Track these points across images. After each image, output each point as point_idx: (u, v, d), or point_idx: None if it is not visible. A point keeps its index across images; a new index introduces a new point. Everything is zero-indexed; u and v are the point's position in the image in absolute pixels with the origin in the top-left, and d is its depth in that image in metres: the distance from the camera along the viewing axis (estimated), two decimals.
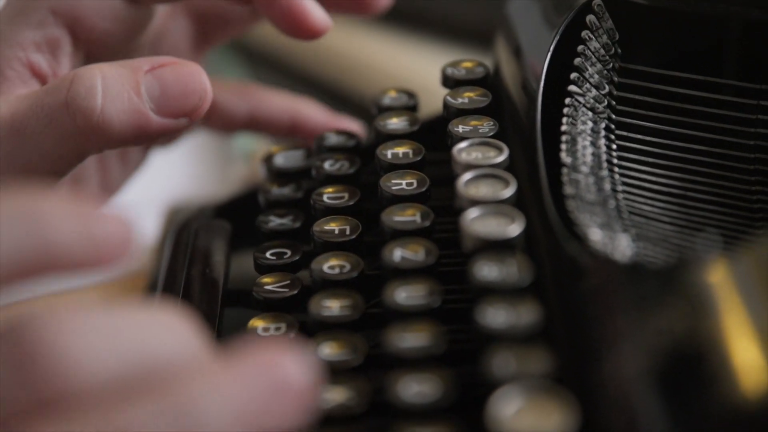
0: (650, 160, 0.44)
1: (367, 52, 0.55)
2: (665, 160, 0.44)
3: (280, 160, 0.51)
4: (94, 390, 0.28)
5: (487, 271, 0.37)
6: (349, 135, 0.51)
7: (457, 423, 0.33)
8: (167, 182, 0.68)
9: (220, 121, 0.56)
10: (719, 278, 0.31)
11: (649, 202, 0.43)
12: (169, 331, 0.30)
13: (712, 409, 0.28)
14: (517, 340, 0.34)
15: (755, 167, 0.44)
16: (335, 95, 0.76)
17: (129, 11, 0.47)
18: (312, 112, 0.56)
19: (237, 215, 0.53)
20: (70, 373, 0.28)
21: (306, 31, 0.48)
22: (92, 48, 0.47)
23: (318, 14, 0.48)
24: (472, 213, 0.39)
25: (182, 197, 0.62)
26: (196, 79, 0.44)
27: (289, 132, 0.55)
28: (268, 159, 0.51)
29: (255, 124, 0.56)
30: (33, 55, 0.46)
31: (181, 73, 0.44)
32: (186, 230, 0.52)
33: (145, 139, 0.45)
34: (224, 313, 0.46)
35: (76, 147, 0.44)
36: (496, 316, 0.35)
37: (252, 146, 0.72)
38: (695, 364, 0.29)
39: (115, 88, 0.43)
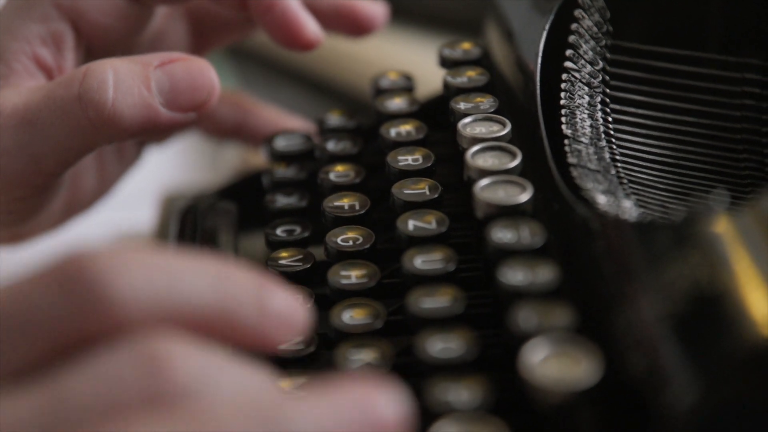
0: (644, 131, 0.46)
1: (353, 42, 0.56)
2: (658, 131, 0.46)
3: (282, 142, 0.53)
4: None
5: (502, 234, 0.39)
6: (350, 116, 0.52)
7: (484, 378, 0.35)
8: (158, 172, 0.69)
9: (209, 126, 0.58)
10: (727, 230, 0.33)
11: (645, 170, 0.45)
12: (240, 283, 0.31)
13: (729, 349, 0.30)
14: (537, 296, 0.35)
15: (742, 137, 0.47)
16: (320, 86, 0.78)
17: (130, 9, 0.48)
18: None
19: (239, 198, 0.55)
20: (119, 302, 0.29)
21: (299, 43, 0.49)
22: (94, 43, 0.49)
23: (312, 27, 0.49)
24: (483, 182, 0.41)
25: (175, 186, 0.63)
26: (204, 74, 0.46)
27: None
28: (269, 142, 0.53)
29: (242, 134, 0.57)
30: (38, 49, 0.47)
31: (190, 69, 0.46)
32: (190, 213, 0.54)
33: (154, 132, 0.46)
34: None
35: (87, 139, 0.45)
36: (514, 275, 0.37)
37: None
38: (711, 309, 0.31)
39: (126, 83, 0.44)
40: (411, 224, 0.42)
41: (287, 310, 0.31)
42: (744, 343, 0.30)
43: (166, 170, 0.71)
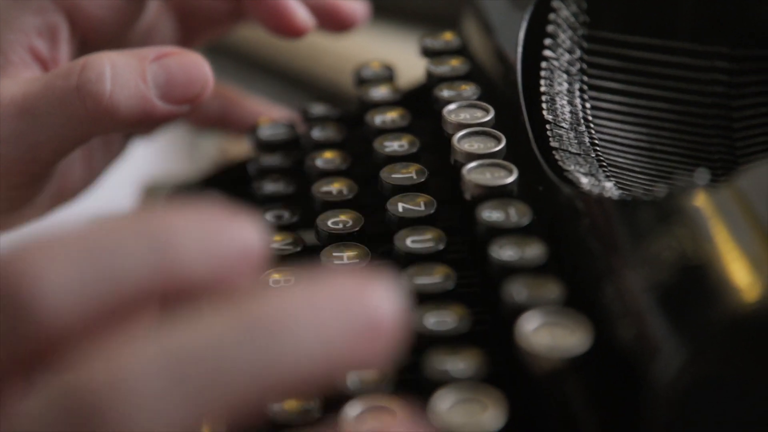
0: (620, 117, 0.48)
1: (329, 38, 0.58)
2: (634, 117, 0.48)
3: (267, 131, 0.54)
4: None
5: (490, 214, 0.40)
6: (334, 105, 0.54)
7: (479, 351, 0.36)
8: (136, 162, 0.70)
9: (193, 116, 0.59)
10: (706, 205, 0.35)
11: (623, 154, 0.47)
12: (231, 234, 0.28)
13: (713, 315, 0.32)
14: (527, 271, 0.37)
15: (713, 122, 0.49)
16: (296, 81, 0.79)
17: (124, 3, 0.50)
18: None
19: (225, 186, 0.56)
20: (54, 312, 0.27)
21: (291, 30, 0.51)
22: (88, 36, 0.50)
23: (302, 14, 0.51)
24: (470, 165, 0.43)
25: (154, 176, 0.64)
26: (199, 68, 0.47)
27: None
28: (253, 131, 0.54)
29: (225, 124, 0.58)
30: (34, 40, 0.48)
31: (185, 62, 0.47)
32: (177, 201, 0.55)
33: (148, 123, 0.47)
34: None
35: (83, 129, 0.46)
36: (505, 252, 0.38)
37: None
38: (695, 278, 0.33)
39: (123, 75, 0.45)
40: (401, 206, 0.44)
41: (247, 243, 0.29)
42: (728, 309, 0.32)
43: (144, 161, 0.72)
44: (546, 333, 0.34)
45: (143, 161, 0.72)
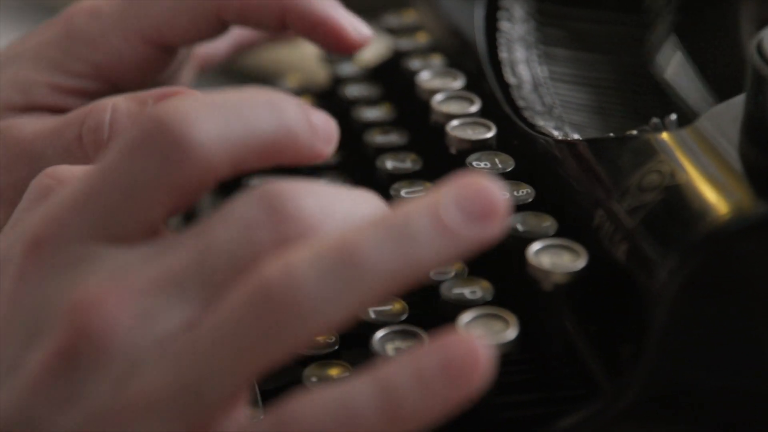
0: (573, 80, 0.54)
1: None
2: (584, 80, 0.54)
3: None
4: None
5: (478, 163, 0.45)
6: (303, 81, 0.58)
7: (486, 280, 0.41)
8: None
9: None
10: (672, 141, 0.41)
11: (578, 114, 0.52)
12: None
13: (692, 228, 0.37)
14: (521, 208, 0.42)
15: (647, 82, 0.55)
16: (242, 74, 0.82)
17: (161, 59, 0.50)
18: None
19: None
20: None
21: (349, 48, 0.48)
22: (118, 89, 0.49)
23: (358, 28, 0.48)
24: (453, 123, 0.47)
25: None
26: None
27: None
28: None
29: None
30: (65, 99, 0.49)
31: None
32: None
33: None
34: None
35: None
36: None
37: None
38: (675, 197, 0.39)
39: (121, 122, 0.46)
40: (390, 164, 0.48)
41: (325, 122, 0.35)
42: (705, 222, 0.37)
43: None
44: (548, 257, 0.39)
45: None
